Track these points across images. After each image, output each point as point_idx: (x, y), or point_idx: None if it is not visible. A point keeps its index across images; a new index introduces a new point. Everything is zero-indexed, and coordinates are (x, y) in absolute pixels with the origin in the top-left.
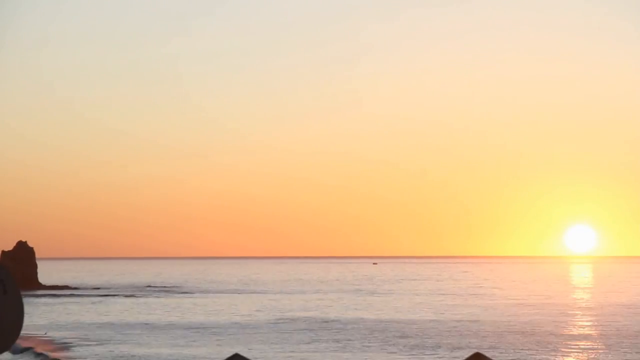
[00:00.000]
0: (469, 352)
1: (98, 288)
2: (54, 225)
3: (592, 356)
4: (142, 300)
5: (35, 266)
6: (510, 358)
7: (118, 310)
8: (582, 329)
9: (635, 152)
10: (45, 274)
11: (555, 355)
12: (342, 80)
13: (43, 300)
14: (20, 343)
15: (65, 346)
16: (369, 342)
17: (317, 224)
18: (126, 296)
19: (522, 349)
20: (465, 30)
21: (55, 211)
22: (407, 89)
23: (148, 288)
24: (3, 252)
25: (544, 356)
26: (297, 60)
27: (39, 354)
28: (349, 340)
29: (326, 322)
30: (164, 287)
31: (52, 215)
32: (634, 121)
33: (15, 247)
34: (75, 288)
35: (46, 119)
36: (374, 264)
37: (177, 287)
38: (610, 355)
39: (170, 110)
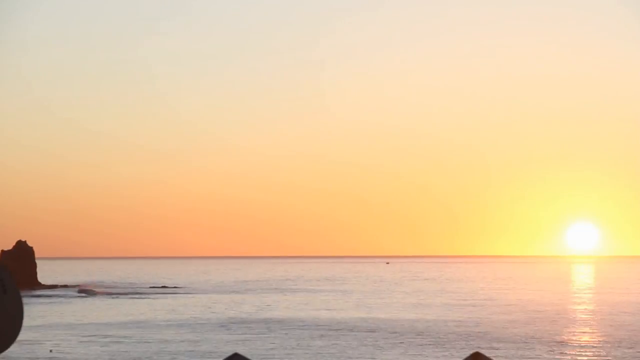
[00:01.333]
0: (469, 352)
1: (97, 288)
2: (41, 226)
3: (593, 356)
4: (141, 299)
5: (35, 266)
6: (510, 358)
7: (118, 309)
8: (582, 329)
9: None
10: (45, 274)
11: (556, 355)
12: (309, 84)
13: (43, 300)
14: None
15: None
16: (368, 342)
17: (293, 225)
18: (126, 296)
19: (522, 349)
20: (432, 31)
21: (34, 213)
22: (376, 92)
23: (147, 288)
24: (3, 251)
25: (544, 356)
26: (267, 63)
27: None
28: (349, 340)
29: (325, 321)
30: (164, 286)
31: (34, 217)
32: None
33: (15, 247)
34: (75, 287)
35: (22, 119)
36: (386, 263)
37: (176, 287)
38: (610, 355)
39: (145, 112)
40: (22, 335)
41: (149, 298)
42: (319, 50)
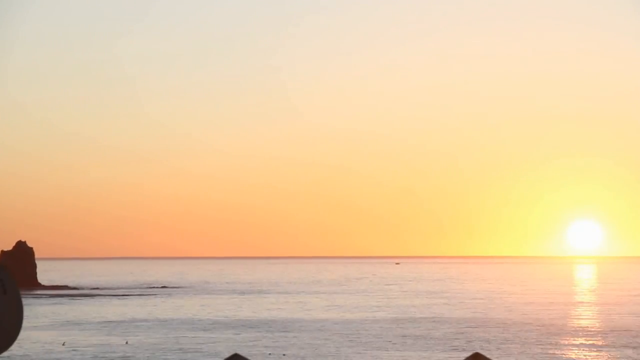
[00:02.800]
0: (469, 352)
1: (97, 288)
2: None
3: (592, 355)
4: (140, 299)
5: (35, 266)
6: (510, 358)
7: (117, 309)
8: (582, 329)
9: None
10: (45, 274)
11: (556, 355)
12: (278, 86)
13: (43, 300)
14: None
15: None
16: (369, 342)
17: (269, 226)
18: (125, 295)
19: (521, 350)
20: (405, 32)
21: (14, 213)
22: (344, 96)
23: (146, 288)
24: (3, 252)
25: (544, 357)
26: (239, 65)
27: None
28: (349, 340)
29: (325, 322)
30: (163, 286)
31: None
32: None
33: (15, 247)
34: (74, 288)
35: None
36: (396, 263)
37: (176, 287)
38: (609, 354)
39: (119, 113)
40: (22, 335)
41: (148, 298)
42: (287, 53)
